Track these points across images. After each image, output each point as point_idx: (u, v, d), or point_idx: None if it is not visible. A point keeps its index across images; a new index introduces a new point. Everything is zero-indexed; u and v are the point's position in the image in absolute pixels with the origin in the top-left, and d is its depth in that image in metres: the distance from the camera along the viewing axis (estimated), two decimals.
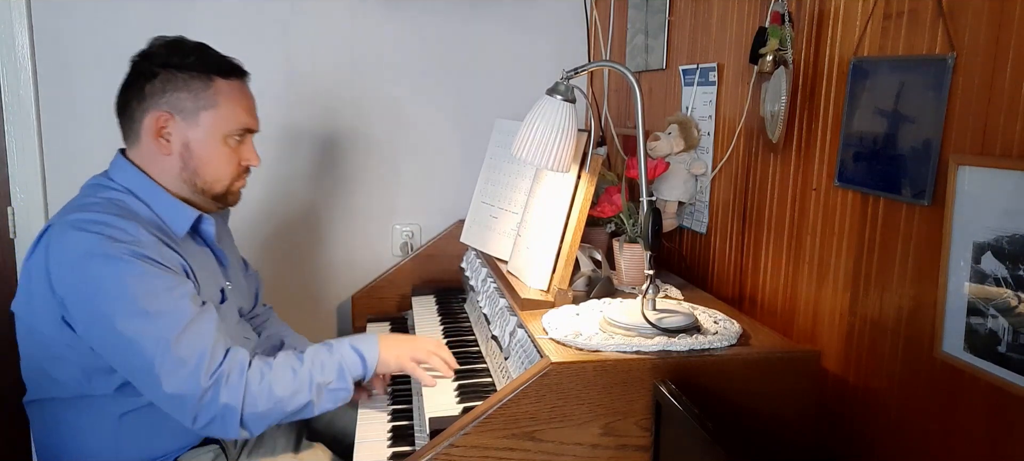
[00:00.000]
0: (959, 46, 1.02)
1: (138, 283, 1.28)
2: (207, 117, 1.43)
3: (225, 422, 1.31)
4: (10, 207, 2.21)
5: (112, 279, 1.27)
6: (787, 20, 1.38)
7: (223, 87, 1.44)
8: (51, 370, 1.38)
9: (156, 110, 1.41)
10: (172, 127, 1.42)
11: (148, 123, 1.41)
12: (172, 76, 1.41)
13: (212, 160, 1.45)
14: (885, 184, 1.16)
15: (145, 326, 1.27)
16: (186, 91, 1.41)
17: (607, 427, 1.20)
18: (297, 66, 2.28)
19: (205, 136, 1.43)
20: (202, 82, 1.42)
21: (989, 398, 0.99)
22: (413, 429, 1.51)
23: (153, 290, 1.29)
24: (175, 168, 1.44)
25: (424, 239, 2.42)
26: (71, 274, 1.29)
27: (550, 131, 1.39)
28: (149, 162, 1.44)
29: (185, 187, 1.46)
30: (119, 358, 1.31)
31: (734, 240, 1.63)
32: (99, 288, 1.28)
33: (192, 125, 1.42)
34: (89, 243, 1.28)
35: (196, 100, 1.42)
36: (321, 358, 1.43)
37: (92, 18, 2.16)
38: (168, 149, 1.43)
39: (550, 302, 1.46)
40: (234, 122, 1.46)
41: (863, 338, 1.23)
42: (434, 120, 2.39)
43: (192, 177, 1.45)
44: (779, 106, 1.38)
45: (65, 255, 1.30)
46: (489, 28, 2.36)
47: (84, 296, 1.29)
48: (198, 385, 1.27)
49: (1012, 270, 0.93)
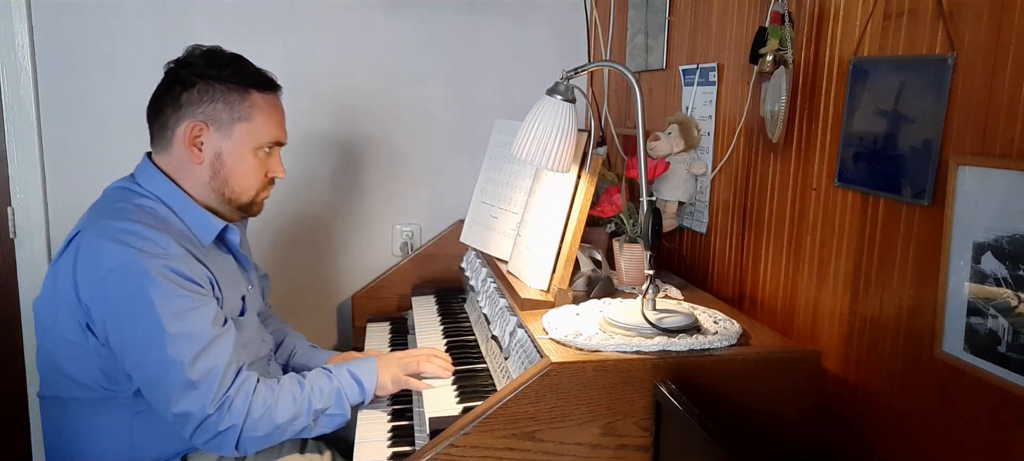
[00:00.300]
0: (959, 46, 1.02)
1: (163, 303, 1.30)
2: (241, 129, 1.45)
3: (223, 443, 1.35)
4: (10, 207, 2.21)
5: (138, 296, 1.30)
6: (787, 20, 1.38)
7: (259, 100, 1.47)
8: (69, 370, 1.40)
9: (192, 119, 1.43)
10: (206, 137, 1.44)
11: (182, 131, 1.43)
12: (210, 87, 1.43)
13: (242, 171, 1.47)
14: (885, 184, 1.16)
15: (165, 346, 1.29)
16: (223, 102, 1.43)
17: (607, 427, 1.20)
18: (297, 66, 2.28)
19: (237, 147, 1.45)
20: (239, 94, 1.44)
21: (989, 398, 0.99)
22: (413, 429, 1.51)
23: (178, 311, 1.31)
24: (205, 177, 1.46)
25: (424, 239, 2.42)
26: (99, 285, 1.31)
27: (550, 131, 1.39)
28: (178, 169, 1.46)
29: (212, 196, 1.48)
30: (135, 369, 1.34)
31: (734, 240, 1.63)
32: (124, 303, 1.30)
33: (226, 137, 1.44)
34: (119, 256, 1.30)
35: (232, 112, 1.44)
36: (320, 384, 1.47)
37: (92, 18, 2.16)
38: (200, 158, 1.44)
39: (550, 302, 1.46)
40: (266, 135, 1.48)
41: (863, 338, 1.23)
42: (434, 120, 2.39)
43: (221, 186, 1.47)
44: (779, 106, 1.38)
45: (94, 266, 1.32)
46: (489, 28, 2.36)
47: (109, 308, 1.32)
48: (204, 409, 1.31)
49: (1012, 270, 0.93)
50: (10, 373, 2.26)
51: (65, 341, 1.38)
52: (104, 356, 1.36)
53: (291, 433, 1.42)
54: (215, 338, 1.34)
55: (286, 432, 1.41)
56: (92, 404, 1.41)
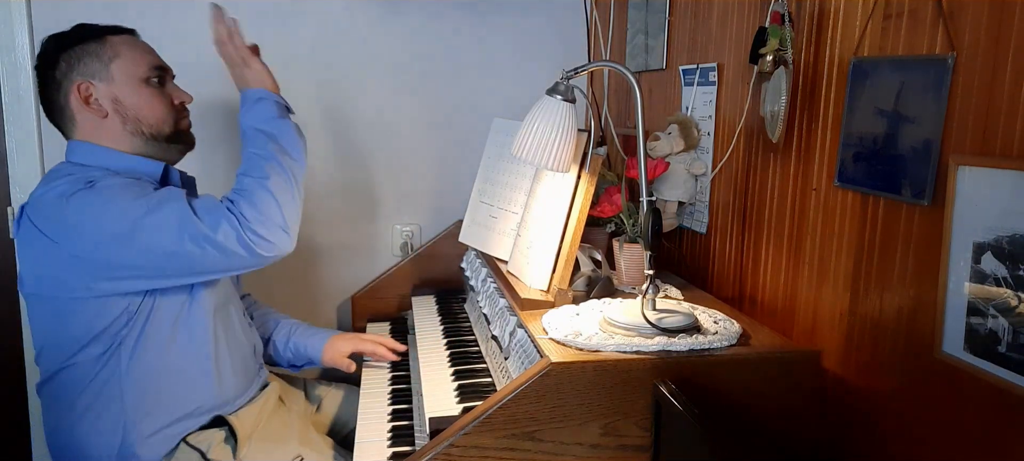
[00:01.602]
0: (959, 46, 1.02)
1: (130, 189, 1.38)
2: (117, 67, 1.50)
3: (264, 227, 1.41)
4: (10, 207, 2.21)
5: (106, 195, 1.37)
6: (787, 20, 1.38)
7: (117, 40, 1.53)
8: (67, 330, 1.43)
9: (73, 84, 1.48)
10: (94, 91, 1.49)
11: (74, 100, 1.48)
12: (71, 52, 1.49)
13: (144, 103, 1.51)
14: (885, 184, 1.16)
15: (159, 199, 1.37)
16: (88, 56, 1.49)
17: (607, 427, 1.20)
18: (296, 66, 2.28)
19: (125, 84, 1.50)
20: (97, 43, 1.50)
21: (989, 398, 0.99)
22: (413, 429, 1.51)
23: (142, 188, 1.41)
24: (118, 126, 1.50)
25: (424, 239, 2.42)
26: (65, 213, 1.36)
27: (550, 131, 1.39)
28: (94, 133, 1.51)
29: (137, 141, 1.52)
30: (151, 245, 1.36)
31: (734, 240, 1.63)
32: (100, 207, 1.36)
33: (109, 81, 1.49)
34: (68, 186, 1.38)
35: (100, 58, 1.49)
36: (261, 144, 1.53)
37: (92, 18, 2.14)
38: (102, 111, 1.49)
39: (550, 302, 1.46)
40: (143, 63, 1.53)
41: (863, 338, 1.23)
42: (435, 120, 2.38)
43: (137, 126, 1.51)
44: (779, 106, 1.38)
45: (49, 206, 1.38)
46: (489, 28, 2.36)
47: (88, 224, 1.35)
48: (230, 214, 1.38)
49: (1012, 270, 0.93)
50: (10, 372, 2.26)
51: (57, 304, 1.41)
52: (101, 304, 1.39)
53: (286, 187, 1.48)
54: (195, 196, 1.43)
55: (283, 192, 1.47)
56: (87, 376, 1.43)
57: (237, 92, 1.63)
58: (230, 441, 1.51)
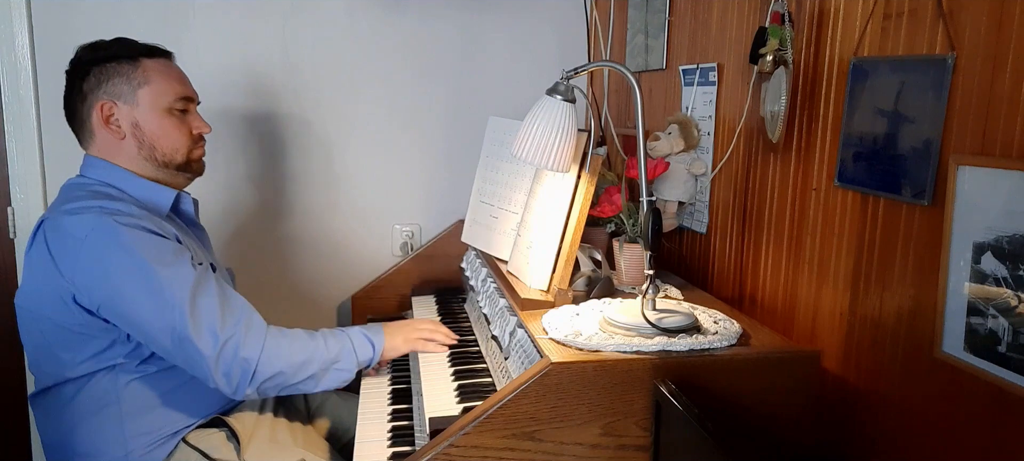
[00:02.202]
0: (959, 46, 1.02)
1: (145, 249, 1.36)
2: (144, 94, 1.50)
3: (241, 375, 1.38)
4: (10, 207, 2.21)
5: (121, 250, 1.35)
6: (787, 20, 1.38)
7: (150, 65, 1.52)
8: (60, 352, 1.42)
9: (98, 101, 1.48)
10: (117, 112, 1.49)
11: (95, 117, 1.49)
12: (103, 68, 1.49)
13: (163, 132, 1.52)
14: (885, 184, 1.16)
15: (162, 287, 1.34)
16: (118, 76, 1.49)
17: (607, 427, 1.20)
18: (296, 65, 2.28)
19: (148, 112, 1.50)
20: (130, 65, 1.50)
21: (989, 398, 0.99)
22: (413, 429, 1.51)
23: (160, 253, 1.37)
24: (133, 150, 1.51)
25: (424, 239, 2.42)
26: (78, 254, 1.35)
27: (550, 131, 1.39)
28: (110, 152, 1.51)
29: (149, 166, 1.52)
30: (139, 324, 1.37)
31: (734, 240, 1.63)
32: (110, 260, 1.35)
33: (133, 105, 1.49)
34: (91, 222, 1.36)
35: (129, 81, 1.49)
36: (333, 338, 1.53)
37: (92, 18, 2.16)
38: (120, 133, 1.50)
39: (550, 302, 1.46)
40: (170, 93, 1.53)
41: (863, 338, 1.23)
42: (434, 120, 2.38)
43: (151, 153, 1.51)
44: (779, 106, 1.38)
45: (68, 237, 1.36)
46: (489, 28, 2.36)
47: (96, 272, 1.35)
48: (218, 337, 1.36)
49: (1012, 270, 0.93)
50: (10, 373, 2.26)
51: (53, 325, 1.41)
52: (94, 329, 1.39)
53: (301, 379, 1.45)
54: (201, 274, 1.40)
55: (297, 375, 1.44)
56: (79, 385, 1.43)
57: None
58: (232, 441, 1.51)
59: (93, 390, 1.43)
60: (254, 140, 2.30)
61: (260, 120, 2.30)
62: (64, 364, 1.43)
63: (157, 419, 1.46)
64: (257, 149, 2.32)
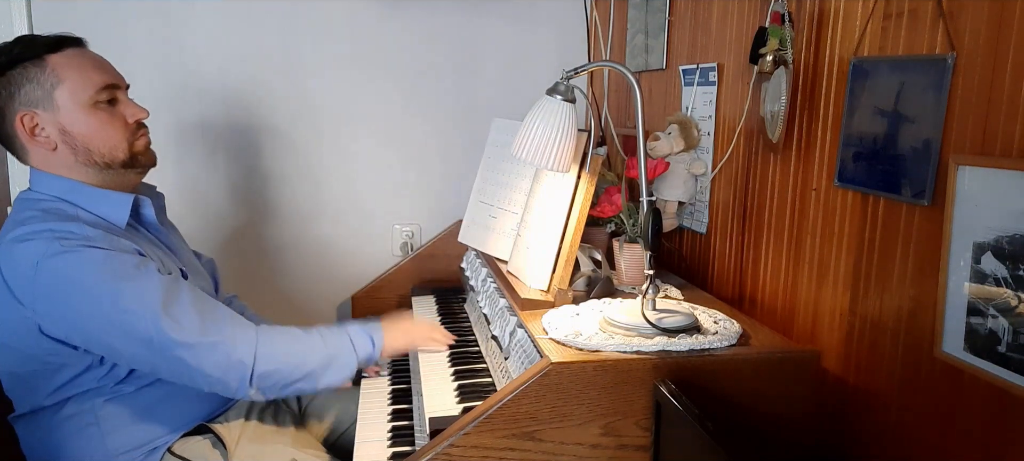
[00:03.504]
0: (959, 46, 1.02)
1: (103, 267, 1.28)
2: (61, 94, 1.37)
3: (236, 376, 1.34)
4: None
5: (77, 271, 1.27)
6: (787, 20, 1.38)
7: (59, 61, 1.38)
8: (33, 381, 1.37)
9: (16, 114, 1.37)
10: (39, 121, 1.37)
11: (18, 130, 1.38)
12: (9, 78, 1.36)
13: (94, 131, 1.39)
14: (885, 184, 1.16)
15: (129, 301, 1.27)
16: (28, 82, 1.36)
17: (607, 427, 1.20)
18: (296, 65, 2.28)
19: (71, 113, 1.38)
20: (37, 67, 1.36)
21: (989, 398, 0.99)
22: (413, 429, 1.51)
23: (120, 268, 1.30)
24: (69, 158, 1.39)
25: (424, 239, 2.42)
26: (34, 283, 1.27)
27: (550, 131, 1.39)
28: (48, 164, 1.40)
29: (92, 172, 1.41)
30: (113, 345, 1.30)
31: (734, 240, 1.63)
32: (68, 285, 1.27)
33: (54, 109, 1.37)
34: (40, 248, 1.27)
35: (41, 85, 1.36)
36: (331, 334, 1.48)
37: (92, 18, 2.16)
38: (50, 143, 1.38)
39: (550, 302, 1.46)
40: (89, 86, 1.39)
41: (863, 338, 1.23)
42: (434, 120, 2.39)
43: (89, 157, 1.40)
44: (779, 106, 1.38)
45: (21, 266, 1.28)
46: (489, 28, 2.36)
47: (56, 299, 1.28)
48: (200, 337, 1.30)
49: (1012, 270, 0.93)
50: None
51: (23, 356, 1.34)
52: (64, 357, 1.33)
53: (300, 376, 1.41)
54: (172, 280, 1.34)
55: (295, 374, 1.40)
56: (58, 408, 1.38)
57: None
58: (218, 447, 1.48)
59: (71, 414, 1.38)
60: (254, 140, 2.30)
61: (260, 120, 2.30)
62: (38, 393, 1.37)
63: (140, 433, 1.41)
64: (257, 149, 2.32)
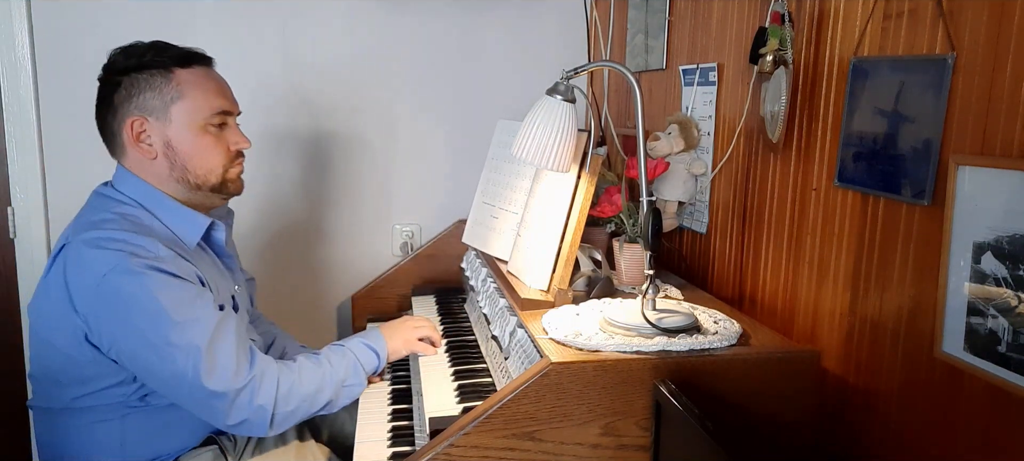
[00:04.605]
0: (959, 46, 1.02)
1: (164, 295, 1.29)
2: (178, 110, 1.40)
3: (258, 421, 1.36)
4: (10, 207, 2.21)
5: (138, 294, 1.28)
6: (787, 20, 1.38)
7: (185, 76, 1.41)
8: (64, 381, 1.38)
9: (128, 117, 1.40)
10: (148, 129, 1.40)
11: (126, 132, 1.41)
12: (134, 80, 1.39)
13: (197, 152, 1.43)
14: (885, 184, 1.16)
15: (177, 336, 1.29)
16: (150, 90, 1.39)
17: (607, 427, 1.20)
18: (297, 66, 2.28)
19: (182, 130, 1.41)
20: (162, 77, 1.40)
21: (989, 398, 0.99)
22: (413, 429, 1.51)
23: (179, 301, 1.31)
24: (165, 170, 1.43)
25: (424, 239, 2.42)
26: (95, 293, 1.29)
27: (550, 131, 1.39)
28: (141, 170, 1.43)
29: (181, 188, 1.45)
30: (151, 369, 1.32)
31: (734, 240, 1.63)
32: (126, 304, 1.28)
33: (165, 122, 1.40)
34: (110, 261, 1.28)
35: (162, 96, 1.39)
36: (338, 357, 1.51)
37: (92, 18, 2.16)
38: (151, 152, 1.41)
39: (550, 302, 1.46)
40: (206, 109, 1.43)
41: (863, 338, 1.23)
42: (434, 120, 2.39)
43: (183, 174, 1.43)
44: (779, 106, 1.38)
45: (86, 274, 1.29)
46: (489, 28, 2.36)
47: (111, 314, 1.30)
48: (232, 386, 1.32)
49: (1012, 270, 0.93)
50: (10, 374, 2.26)
51: (62, 355, 1.35)
52: (102, 367, 1.34)
53: (318, 406, 1.44)
54: (221, 320, 1.35)
55: (313, 405, 1.43)
56: (84, 413, 1.39)
57: None
58: (221, 458, 1.49)
59: (94, 420, 1.39)
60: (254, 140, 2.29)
61: (260, 120, 2.29)
62: (66, 393, 1.38)
63: (156, 446, 1.42)
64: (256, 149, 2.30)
